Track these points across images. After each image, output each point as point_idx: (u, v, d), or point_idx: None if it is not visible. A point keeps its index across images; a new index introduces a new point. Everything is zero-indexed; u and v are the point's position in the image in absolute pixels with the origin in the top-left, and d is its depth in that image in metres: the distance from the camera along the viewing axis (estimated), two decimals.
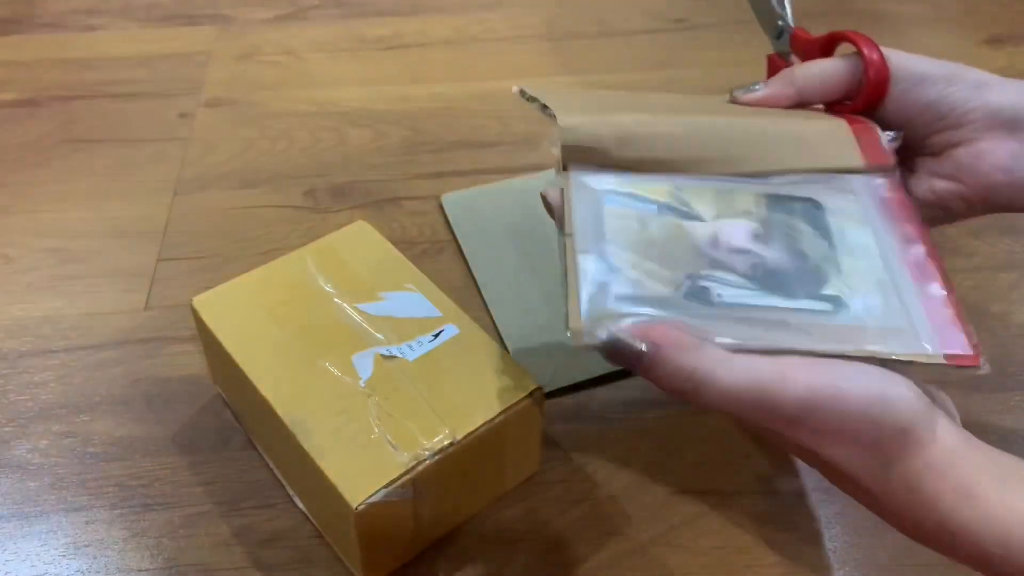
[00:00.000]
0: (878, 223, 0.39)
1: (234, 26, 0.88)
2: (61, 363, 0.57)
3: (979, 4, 0.91)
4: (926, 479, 0.32)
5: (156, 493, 0.50)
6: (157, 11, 0.90)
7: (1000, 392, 0.55)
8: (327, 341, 0.47)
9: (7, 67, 0.82)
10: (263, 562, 0.47)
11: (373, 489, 0.41)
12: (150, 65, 0.83)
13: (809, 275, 0.36)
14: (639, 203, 0.38)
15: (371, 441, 0.43)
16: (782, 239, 0.37)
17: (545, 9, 0.91)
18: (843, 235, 0.38)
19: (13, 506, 0.49)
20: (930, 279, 0.36)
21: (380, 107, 0.78)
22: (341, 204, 0.68)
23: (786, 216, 0.38)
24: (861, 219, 0.39)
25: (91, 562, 0.47)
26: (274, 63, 0.83)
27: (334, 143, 0.74)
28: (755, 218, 0.38)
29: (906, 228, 0.38)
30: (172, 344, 0.58)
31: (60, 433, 0.53)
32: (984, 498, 0.31)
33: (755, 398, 0.32)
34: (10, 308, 0.60)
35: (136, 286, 0.62)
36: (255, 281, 0.50)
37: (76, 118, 0.76)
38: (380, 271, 0.51)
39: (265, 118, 0.76)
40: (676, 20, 0.89)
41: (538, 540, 0.48)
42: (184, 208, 0.68)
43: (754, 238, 0.37)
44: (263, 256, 0.60)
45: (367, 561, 0.44)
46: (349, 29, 0.88)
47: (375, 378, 0.45)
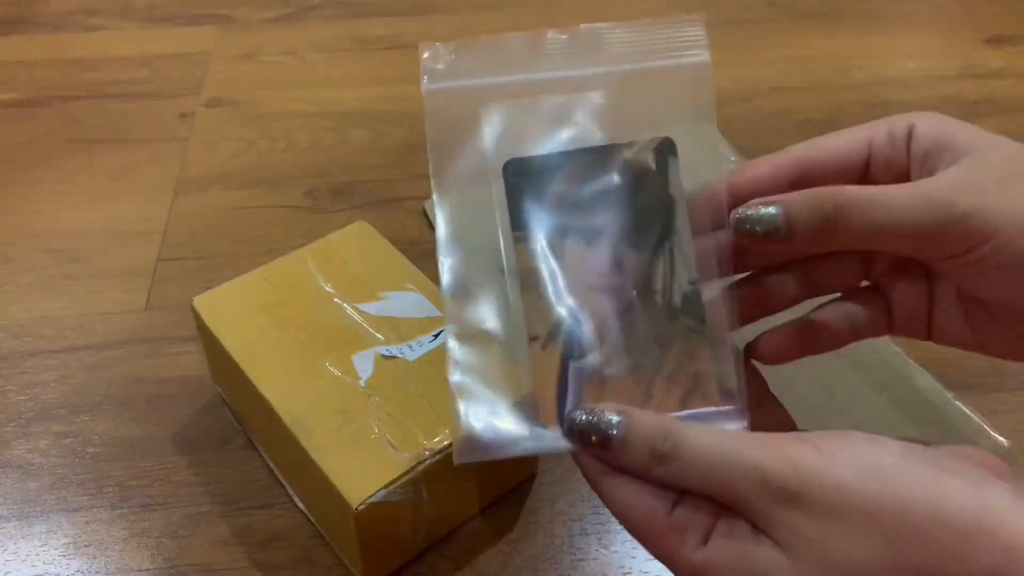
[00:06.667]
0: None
1: (234, 26, 0.88)
2: (61, 363, 0.57)
3: (979, 4, 0.91)
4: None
5: (156, 493, 0.50)
6: (157, 11, 0.90)
7: (1000, 392, 0.55)
8: (327, 341, 0.47)
9: (7, 67, 0.82)
10: (263, 562, 0.47)
11: (373, 489, 0.41)
12: (150, 65, 0.83)
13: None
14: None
15: (371, 441, 0.43)
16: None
17: (545, 9, 0.91)
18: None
19: (13, 506, 0.49)
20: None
21: (380, 107, 0.78)
22: (341, 204, 0.68)
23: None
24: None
25: (91, 562, 0.47)
26: (274, 63, 0.83)
27: (334, 143, 0.74)
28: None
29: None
30: (172, 344, 0.58)
31: (60, 433, 0.53)
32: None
33: (741, 461, 0.28)
34: (10, 308, 0.60)
35: (136, 286, 0.62)
36: (255, 281, 0.50)
37: (76, 118, 0.76)
38: (380, 271, 0.51)
39: (265, 118, 0.76)
40: None
41: (538, 540, 0.48)
42: (184, 208, 0.68)
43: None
44: (263, 256, 0.60)
45: (367, 561, 0.44)
46: (349, 29, 0.88)
47: (375, 378, 0.45)
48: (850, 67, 0.82)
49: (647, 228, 0.34)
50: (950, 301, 0.34)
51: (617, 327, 0.33)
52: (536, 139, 0.35)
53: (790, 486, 0.27)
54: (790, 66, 0.82)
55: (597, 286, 0.33)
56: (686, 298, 0.33)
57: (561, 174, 0.34)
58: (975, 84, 0.80)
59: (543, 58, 0.35)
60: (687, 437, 0.29)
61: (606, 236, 0.34)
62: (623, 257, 0.34)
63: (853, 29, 0.87)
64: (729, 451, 0.28)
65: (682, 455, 0.29)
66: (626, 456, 0.30)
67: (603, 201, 0.34)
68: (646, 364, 0.33)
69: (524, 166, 0.34)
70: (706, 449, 0.29)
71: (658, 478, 0.29)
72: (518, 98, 0.35)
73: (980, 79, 0.81)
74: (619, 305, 0.33)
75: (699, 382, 0.32)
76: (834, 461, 0.27)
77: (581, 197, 0.34)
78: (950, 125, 0.33)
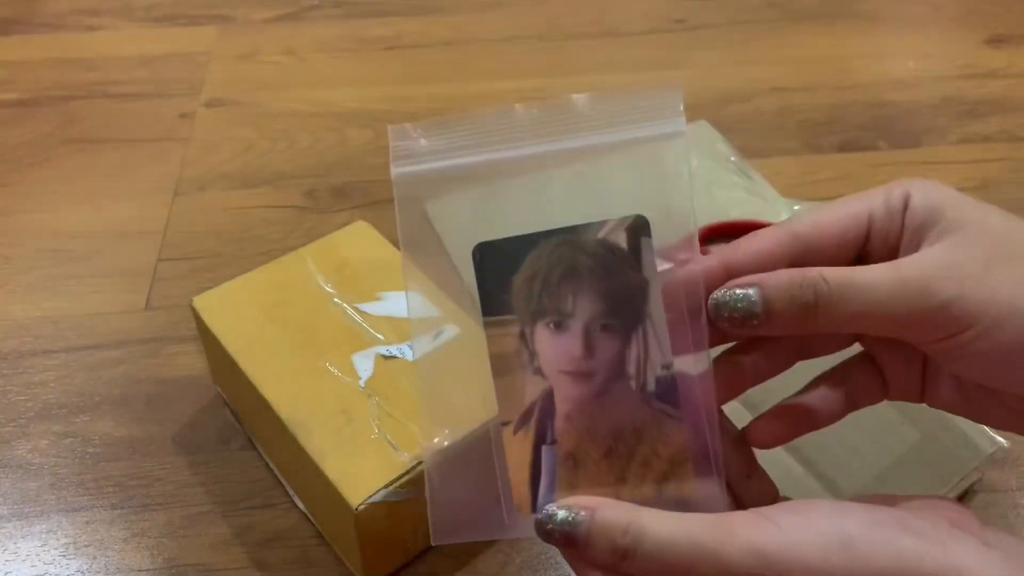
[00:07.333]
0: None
1: (234, 26, 0.88)
2: (61, 363, 0.57)
3: (979, 4, 0.91)
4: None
5: (156, 493, 0.50)
6: (157, 11, 0.90)
7: None
8: (327, 341, 0.47)
9: (7, 67, 0.82)
10: (263, 562, 0.47)
11: (373, 489, 0.41)
12: (150, 65, 0.83)
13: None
14: None
15: (371, 441, 0.43)
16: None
17: (545, 9, 0.91)
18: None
19: (13, 506, 0.49)
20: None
21: (380, 107, 0.78)
22: (341, 204, 0.68)
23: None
24: None
25: (91, 562, 0.47)
26: (274, 63, 0.83)
27: (334, 143, 0.74)
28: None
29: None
30: (172, 344, 0.58)
31: (60, 433, 0.53)
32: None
33: (701, 547, 0.28)
34: (10, 308, 0.60)
35: (136, 286, 0.62)
36: (255, 281, 0.50)
37: (76, 118, 0.76)
38: (380, 271, 0.51)
39: (265, 118, 0.76)
40: (676, 20, 0.89)
41: (538, 540, 0.48)
42: (184, 208, 0.68)
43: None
44: (263, 256, 0.60)
45: (367, 561, 0.44)
46: (349, 29, 0.88)
47: (375, 378, 0.45)
48: (850, 67, 0.82)
49: (620, 311, 0.33)
50: (943, 373, 0.33)
51: (589, 411, 0.33)
52: (507, 221, 0.34)
53: (754, 575, 0.27)
54: (790, 66, 0.82)
55: (570, 370, 0.33)
56: (660, 382, 0.33)
57: (532, 256, 0.34)
58: (975, 84, 0.80)
59: (515, 134, 0.34)
60: (646, 531, 0.29)
61: (578, 319, 0.33)
62: (595, 340, 0.33)
63: (853, 29, 0.87)
64: (690, 545, 0.28)
65: (642, 550, 0.28)
66: (591, 553, 0.29)
67: (574, 284, 0.33)
68: (620, 449, 0.32)
69: (495, 249, 0.34)
70: (666, 543, 0.28)
71: (625, 573, 0.29)
72: (489, 179, 0.34)
73: (980, 79, 0.81)
74: (591, 390, 0.33)
75: (674, 466, 0.32)
76: (798, 540, 0.27)
77: (551, 280, 0.33)
78: (942, 196, 0.31)
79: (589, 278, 0.33)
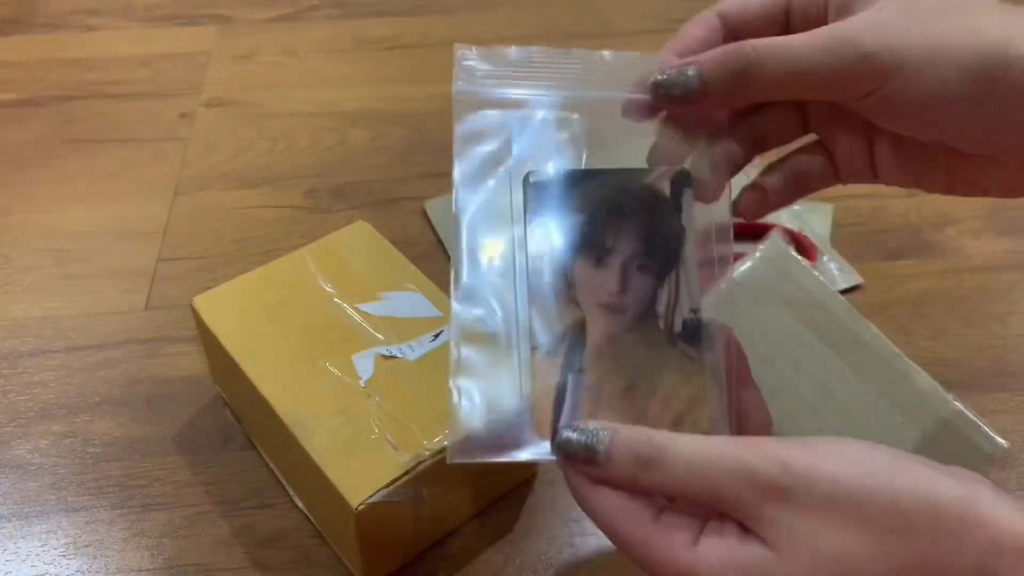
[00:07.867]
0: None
1: (234, 26, 0.88)
2: (61, 363, 0.57)
3: None
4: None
5: (156, 493, 0.50)
6: (157, 11, 0.90)
7: (1000, 392, 0.55)
8: (327, 341, 0.47)
9: (7, 67, 0.82)
10: (263, 562, 0.47)
11: (373, 489, 0.41)
12: (150, 65, 0.83)
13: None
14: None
15: (371, 441, 0.43)
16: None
17: (545, 9, 0.91)
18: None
19: (13, 506, 0.49)
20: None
21: (380, 107, 0.78)
22: (341, 204, 0.68)
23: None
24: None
25: (91, 562, 0.47)
26: (274, 63, 0.83)
27: (334, 143, 0.74)
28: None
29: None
30: (172, 344, 0.58)
31: (60, 433, 0.53)
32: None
33: (728, 460, 0.28)
34: (10, 308, 0.60)
35: (136, 286, 0.62)
36: (255, 281, 0.50)
37: (76, 118, 0.76)
38: (380, 271, 0.51)
39: (265, 118, 0.76)
40: (677, 20, 0.89)
41: (538, 540, 0.48)
42: (184, 208, 0.68)
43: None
44: (263, 256, 0.60)
45: (367, 561, 0.44)
46: (349, 29, 0.88)
47: (375, 378, 0.45)
48: None
49: (657, 253, 0.35)
50: (887, 143, 0.35)
51: (619, 345, 0.34)
52: (560, 154, 0.36)
53: (780, 482, 0.27)
54: None
55: (603, 304, 0.34)
56: (686, 325, 0.34)
57: (580, 191, 0.35)
58: None
59: (580, 75, 0.36)
60: (672, 442, 0.29)
61: (617, 255, 0.34)
62: (631, 278, 0.34)
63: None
64: (715, 452, 0.28)
65: (667, 457, 0.29)
66: (612, 468, 0.30)
67: (617, 223, 0.35)
68: (642, 385, 0.33)
69: (545, 179, 0.35)
70: (692, 451, 0.29)
71: (644, 486, 0.29)
72: (548, 112, 0.36)
73: None
74: (622, 325, 0.34)
75: (692, 407, 0.33)
76: (825, 457, 0.28)
77: (596, 216, 0.35)
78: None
79: (632, 219, 0.35)
